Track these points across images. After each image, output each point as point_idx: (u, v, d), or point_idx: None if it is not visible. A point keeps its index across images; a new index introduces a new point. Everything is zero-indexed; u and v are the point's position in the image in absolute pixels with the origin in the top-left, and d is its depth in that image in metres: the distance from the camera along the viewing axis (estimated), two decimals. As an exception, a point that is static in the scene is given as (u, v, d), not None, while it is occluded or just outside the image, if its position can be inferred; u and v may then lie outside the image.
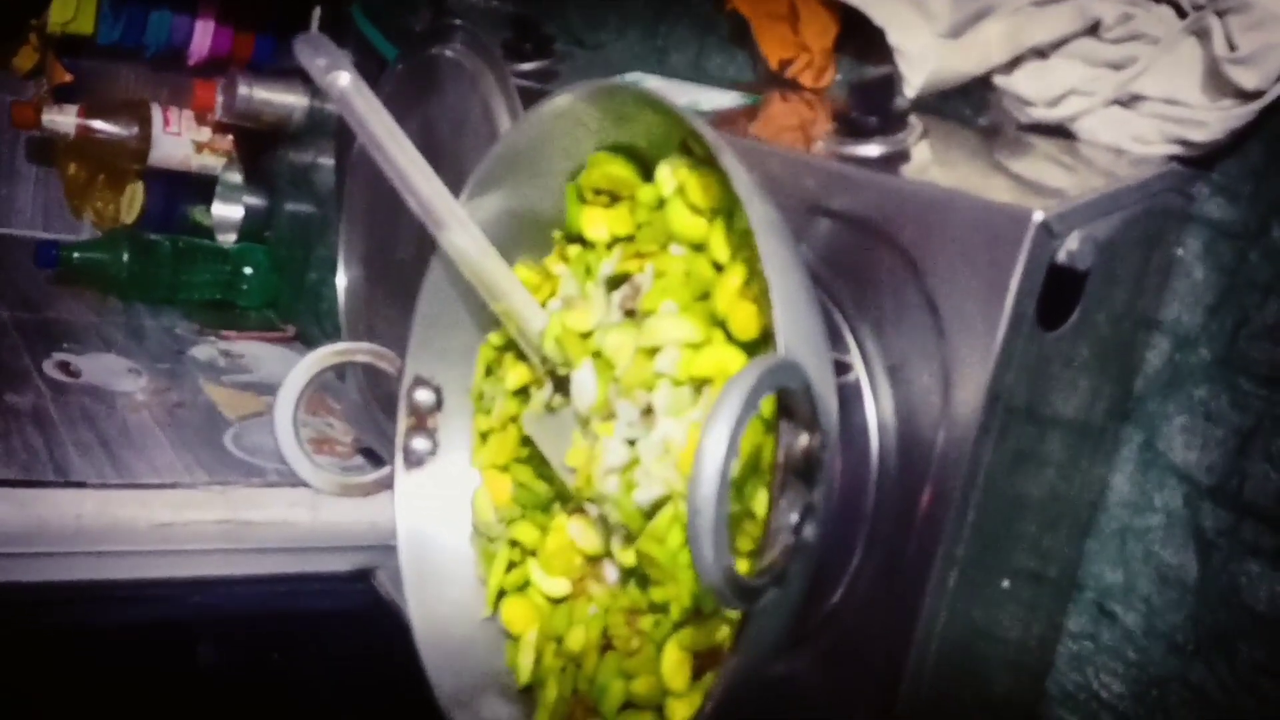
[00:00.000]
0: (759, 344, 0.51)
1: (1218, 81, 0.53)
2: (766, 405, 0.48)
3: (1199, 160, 0.55)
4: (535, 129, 0.58)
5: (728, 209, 0.52)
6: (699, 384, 0.52)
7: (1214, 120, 0.53)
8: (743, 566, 0.47)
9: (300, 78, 1.33)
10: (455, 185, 0.60)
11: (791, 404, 0.43)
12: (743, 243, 0.52)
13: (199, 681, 0.89)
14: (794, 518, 0.43)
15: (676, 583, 0.51)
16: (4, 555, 0.85)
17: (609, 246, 0.58)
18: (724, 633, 0.51)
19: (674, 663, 0.52)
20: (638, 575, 0.54)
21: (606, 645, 0.55)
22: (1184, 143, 0.55)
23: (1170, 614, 0.54)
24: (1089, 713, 0.56)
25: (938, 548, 0.51)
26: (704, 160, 0.53)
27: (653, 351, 0.53)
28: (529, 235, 0.61)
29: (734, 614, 0.49)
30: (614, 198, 0.58)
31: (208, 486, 0.95)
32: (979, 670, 0.55)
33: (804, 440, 0.43)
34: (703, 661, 0.52)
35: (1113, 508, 0.57)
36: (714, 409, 0.39)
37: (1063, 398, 0.53)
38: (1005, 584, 0.54)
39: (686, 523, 0.40)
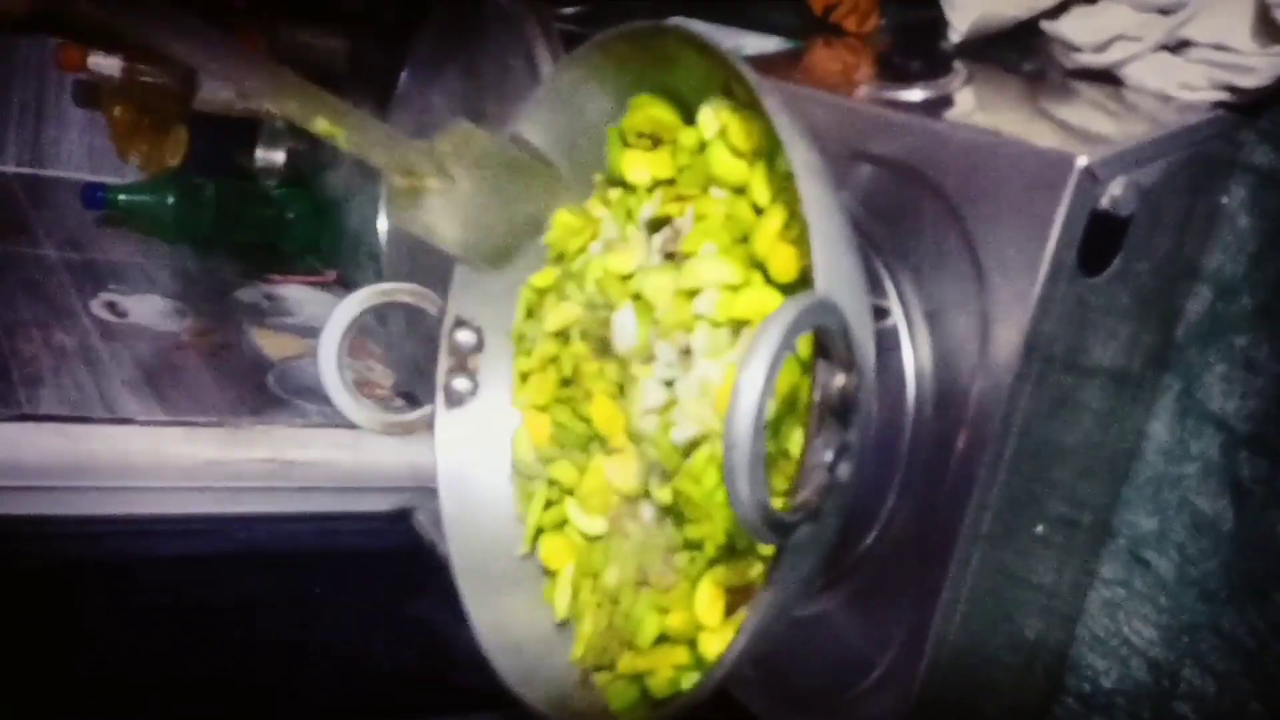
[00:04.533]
0: (798, 286, 0.51)
1: (1267, 27, 0.52)
2: (804, 347, 0.48)
3: (1246, 107, 0.54)
4: (578, 71, 0.58)
5: (769, 152, 0.52)
6: (737, 326, 0.52)
7: (1263, 66, 0.52)
8: (777, 504, 0.48)
9: (342, 21, 1.33)
10: (497, 129, 0.60)
11: (828, 344, 0.43)
12: (783, 186, 0.52)
13: (242, 614, 0.91)
14: (828, 456, 0.44)
15: (711, 520, 0.52)
16: (55, 489, 0.88)
17: (650, 190, 0.58)
18: (757, 570, 0.52)
19: (708, 598, 0.52)
20: (674, 513, 0.55)
21: (642, 581, 0.56)
22: (1232, 89, 0.54)
23: (1204, 561, 0.54)
24: (1119, 658, 0.57)
25: (972, 492, 0.51)
26: (746, 103, 0.53)
27: (692, 294, 0.53)
28: (571, 178, 0.61)
29: (767, 551, 0.50)
30: (656, 141, 0.58)
31: (252, 426, 0.97)
32: (1010, 613, 0.55)
33: (840, 380, 0.44)
34: (736, 598, 0.52)
35: (1149, 456, 0.57)
36: (750, 345, 0.40)
37: (1101, 345, 0.53)
38: (1039, 530, 0.55)
39: (722, 460, 0.41)
